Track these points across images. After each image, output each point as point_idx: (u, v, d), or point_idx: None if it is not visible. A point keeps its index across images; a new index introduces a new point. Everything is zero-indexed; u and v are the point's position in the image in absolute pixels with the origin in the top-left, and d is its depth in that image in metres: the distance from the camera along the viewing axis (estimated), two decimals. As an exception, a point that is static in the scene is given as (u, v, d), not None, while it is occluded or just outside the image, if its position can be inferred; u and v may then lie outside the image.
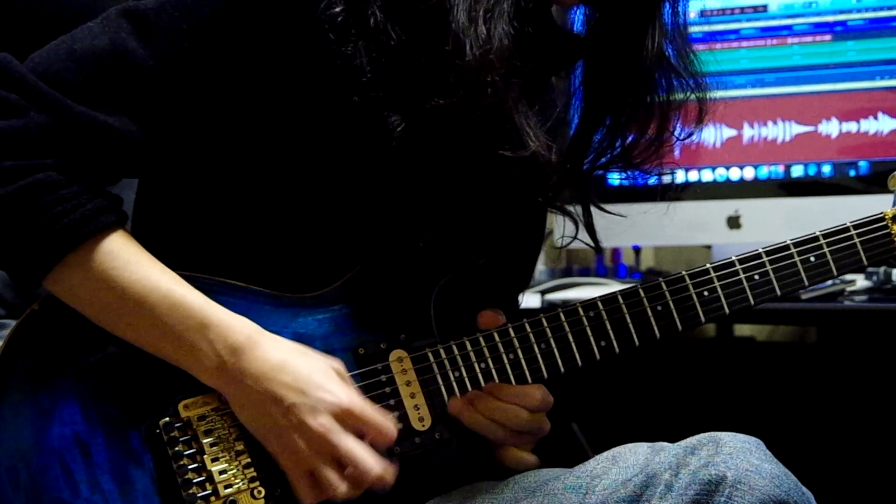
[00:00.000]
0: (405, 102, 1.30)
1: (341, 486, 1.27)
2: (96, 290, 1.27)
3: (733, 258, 1.40)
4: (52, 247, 1.25)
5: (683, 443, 1.27)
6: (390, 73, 1.30)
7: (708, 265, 1.40)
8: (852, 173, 2.12)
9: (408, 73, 1.29)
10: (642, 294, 1.39)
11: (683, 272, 1.40)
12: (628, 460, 1.28)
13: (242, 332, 1.27)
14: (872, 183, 2.09)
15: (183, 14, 1.28)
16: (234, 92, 1.30)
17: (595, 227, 1.46)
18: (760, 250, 1.40)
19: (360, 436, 1.28)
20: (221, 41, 1.28)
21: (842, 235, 1.40)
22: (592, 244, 1.47)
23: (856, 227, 1.41)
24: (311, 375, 1.27)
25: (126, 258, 1.27)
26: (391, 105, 1.30)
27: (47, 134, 1.25)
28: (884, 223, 1.41)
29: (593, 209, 1.46)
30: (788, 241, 1.40)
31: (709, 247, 2.28)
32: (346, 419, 1.27)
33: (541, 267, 2.30)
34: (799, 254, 1.40)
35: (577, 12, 1.46)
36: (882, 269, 1.90)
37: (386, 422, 1.30)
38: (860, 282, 1.93)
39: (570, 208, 1.45)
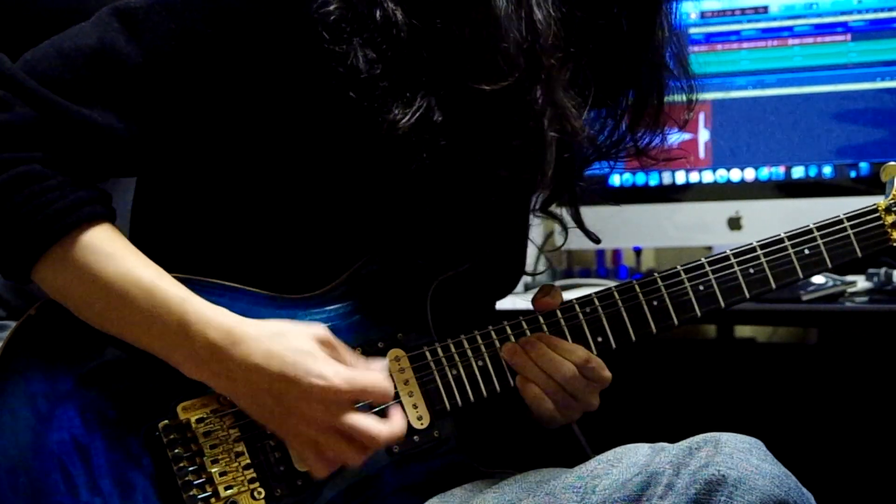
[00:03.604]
0: (419, 92, 1.28)
1: (352, 457, 1.27)
2: (80, 284, 1.26)
3: (728, 252, 1.40)
4: (34, 238, 1.24)
5: (684, 443, 1.26)
6: (399, 66, 1.28)
7: (703, 259, 1.40)
8: (853, 175, 2.12)
9: (426, 63, 1.28)
10: (638, 289, 1.39)
11: (679, 266, 1.40)
12: (629, 460, 1.27)
13: (220, 328, 1.25)
14: (873, 184, 2.08)
15: (172, 13, 1.27)
16: (224, 91, 1.29)
17: (585, 224, 1.45)
18: (755, 243, 1.41)
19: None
20: (210, 40, 1.28)
21: (835, 227, 1.42)
22: (588, 237, 1.47)
23: (849, 218, 1.42)
24: (296, 362, 1.25)
25: (108, 251, 1.26)
26: (397, 98, 1.28)
27: (32, 128, 1.25)
28: (877, 214, 1.42)
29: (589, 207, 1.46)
30: (782, 234, 1.41)
31: (709, 248, 2.28)
32: (340, 398, 1.25)
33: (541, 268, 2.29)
34: (793, 246, 1.41)
35: None
36: (883, 271, 1.90)
37: (379, 382, 1.28)
38: (861, 283, 1.93)
39: (558, 210, 1.46)
